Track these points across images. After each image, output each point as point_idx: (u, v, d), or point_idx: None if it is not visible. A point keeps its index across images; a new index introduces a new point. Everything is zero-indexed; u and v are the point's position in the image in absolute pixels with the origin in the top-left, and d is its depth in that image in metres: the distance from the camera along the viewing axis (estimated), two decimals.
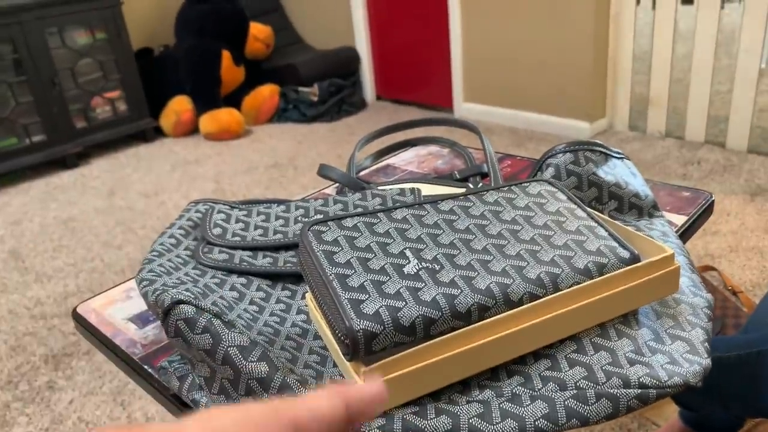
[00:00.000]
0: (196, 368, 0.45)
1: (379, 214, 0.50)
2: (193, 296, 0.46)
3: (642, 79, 2.82)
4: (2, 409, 1.56)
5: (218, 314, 0.44)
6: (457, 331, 0.41)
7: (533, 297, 0.43)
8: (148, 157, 3.29)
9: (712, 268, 1.75)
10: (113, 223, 2.55)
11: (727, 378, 0.86)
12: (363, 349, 0.39)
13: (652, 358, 0.43)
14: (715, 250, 1.90)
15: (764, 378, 0.81)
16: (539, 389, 0.41)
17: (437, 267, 0.44)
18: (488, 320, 0.42)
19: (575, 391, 0.41)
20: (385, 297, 0.41)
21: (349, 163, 0.81)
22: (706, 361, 0.43)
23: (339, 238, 0.46)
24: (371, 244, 0.46)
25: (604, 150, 0.66)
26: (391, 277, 0.43)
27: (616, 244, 0.48)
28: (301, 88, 3.61)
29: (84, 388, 1.61)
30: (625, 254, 0.47)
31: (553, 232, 0.49)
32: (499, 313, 0.42)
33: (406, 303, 0.41)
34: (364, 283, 0.42)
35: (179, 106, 3.46)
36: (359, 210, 0.67)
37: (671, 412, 1.33)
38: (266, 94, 3.56)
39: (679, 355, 0.44)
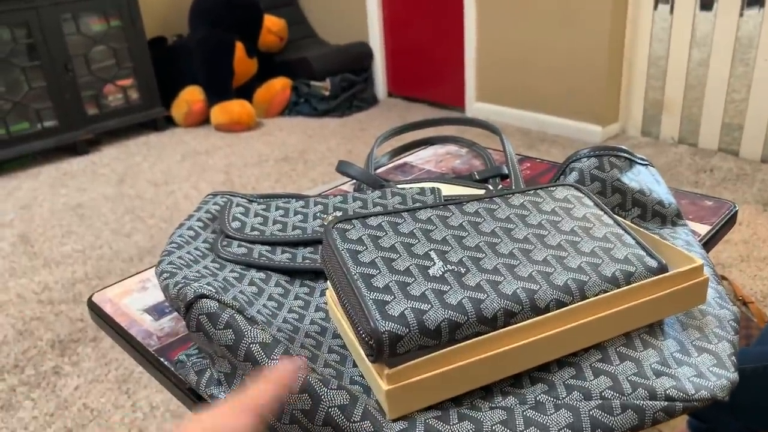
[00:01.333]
0: (216, 363, 0.44)
1: (403, 214, 0.49)
2: (214, 290, 0.45)
3: (657, 85, 2.80)
4: (8, 393, 1.57)
5: (240, 309, 0.44)
6: (482, 336, 0.41)
7: (560, 304, 0.43)
8: (159, 146, 3.29)
9: (723, 278, 1.74)
10: (122, 210, 2.56)
11: (741, 390, 0.85)
12: (387, 351, 0.39)
13: (679, 370, 0.42)
14: (726, 260, 1.89)
15: None
16: (563, 398, 0.41)
17: (463, 270, 0.44)
18: (514, 326, 0.41)
19: (600, 401, 0.40)
20: (411, 299, 0.41)
21: (367, 160, 0.81)
22: (734, 375, 0.42)
23: (363, 237, 0.46)
24: (396, 245, 0.46)
25: (629, 156, 0.65)
26: (416, 279, 0.43)
27: (643, 253, 0.47)
28: (313, 83, 3.60)
29: (89, 375, 1.61)
30: (653, 263, 0.46)
31: (580, 239, 0.48)
32: (526, 320, 0.42)
33: (432, 306, 0.41)
34: (389, 284, 0.42)
35: (191, 96, 3.46)
36: (379, 208, 0.67)
37: (678, 420, 1.32)
38: (278, 87, 3.55)
39: (706, 368, 0.43)
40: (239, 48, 3.45)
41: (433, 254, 0.45)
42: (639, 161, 0.66)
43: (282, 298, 0.54)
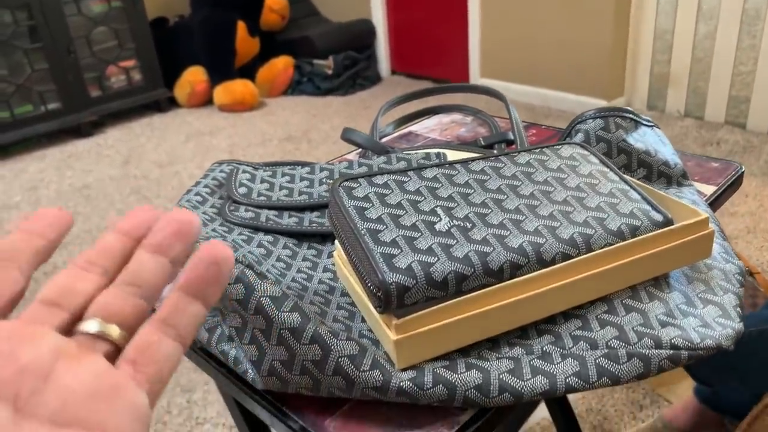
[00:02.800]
0: (227, 318, 0.45)
1: (409, 173, 0.49)
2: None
3: (662, 58, 2.77)
4: None
5: (250, 265, 0.44)
6: (488, 288, 0.41)
7: (566, 257, 0.43)
8: (163, 127, 3.29)
9: None
10: (128, 191, 2.56)
11: (747, 353, 0.85)
12: (395, 301, 0.39)
13: (684, 320, 0.43)
14: (733, 231, 1.89)
15: None
16: (570, 348, 0.41)
17: (469, 225, 0.44)
18: (520, 278, 0.42)
19: (606, 350, 0.41)
20: (418, 252, 0.41)
21: (372, 128, 0.81)
22: (739, 325, 0.43)
23: (370, 195, 0.46)
24: (402, 201, 0.46)
25: (634, 117, 0.65)
26: (422, 234, 0.43)
27: (649, 207, 0.47)
28: (316, 61, 3.59)
29: None
30: (659, 217, 0.47)
31: (585, 194, 0.48)
32: (532, 272, 0.42)
33: (439, 258, 0.41)
34: (396, 239, 0.42)
35: (194, 76, 3.45)
36: None
37: (684, 389, 1.33)
38: (281, 66, 3.54)
39: (712, 318, 0.43)
40: (241, 27, 3.43)
41: (439, 210, 0.45)
42: (644, 122, 0.66)
43: (290, 260, 0.54)
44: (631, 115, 0.65)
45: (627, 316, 0.43)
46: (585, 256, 0.43)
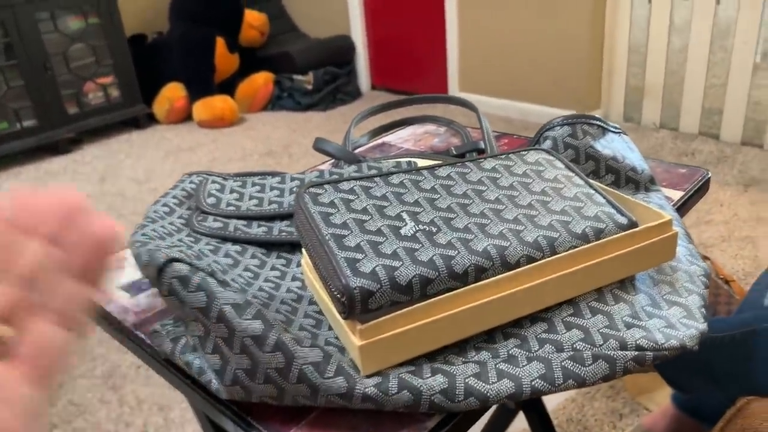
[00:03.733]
0: (189, 327, 0.44)
1: (375, 179, 0.49)
2: (187, 257, 0.45)
3: (637, 71, 2.82)
4: None
5: (212, 273, 0.44)
6: (453, 292, 0.41)
7: (530, 260, 0.43)
8: (141, 144, 3.27)
9: (705, 258, 1.76)
10: (105, 208, 2.53)
11: (721, 358, 0.86)
12: (359, 306, 0.39)
13: (649, 322, 0.43)
14: (708, 240, 1.91)
15: (759, 357, 0.81)
16: (535, 351, 0.41)
17: (434, 229, 0.44)
18: (485, 281, 0.41)
19: (572, 353, 0.41)
20: (382, 257, 0.41)
21: (345, 138, 0.81)
22: (703, 326, 0.43)
23: (335, 200, 0.46)
24: (368, 207, 0.46)
25: (601, 124, 0.66)
26: (387, 238, 0.43)
27: (613, 211, 0.48)
28: (295, 76, 3.59)
29: (75, 371, 1.60)
30: (623, 220, 0.47)
31: (550, 198, 0.49)
32: (497, 275, 0.42)
33: (403, 263, 0.41)
34: (361, 243, 0.42)
35: (173, 93, 3.43)
36: None
37: (663, 397, 1.33)
38: (260, 81, 3.54)
39: (676, 319, 0.43)
40: (220, 43, 3.43)
41: (404, 215, 0.45)
42: (612, 129, 0.67)
43: (258, 269, 0.54)
44: (598, 122, 0.66)
45: (593, 318, 0.43)
46: (550, 258, 0.43)
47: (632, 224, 0.47)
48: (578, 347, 0.41)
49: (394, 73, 3.76)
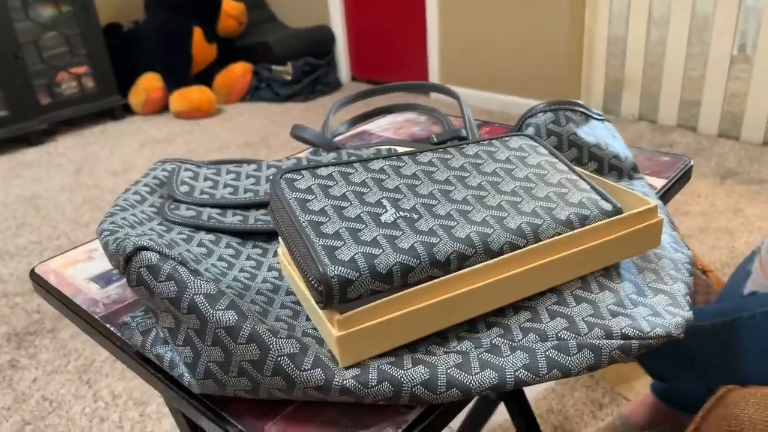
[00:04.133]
0: (160, 319, 0.42)
1: (355, 164, 0.48)
2: (157, 245, 0.43)
3: (616, 64, 2.83)
4: None
5: (184, 261, 0.42)
6: (435, 280, 0.39)
7: (514, 247, 0.42)
8: (117, 135, 3.21)
9: None
10: (80, 200, 2.48)
11: (701, 347, 0.86)
12: (338, 295, 0.37)
13: (635, 310, 0.42)
14: (686, 231, 1.93)
15: (738, 346, 0.81)
16: (519, 340, 0.40)
17: (415, 216, 0.42)
18: (467, 269, 0.40)
19: (556, 342, 0.40)
20: (361, 244, 0.39)
21: (323, 126, 0.79)
22: (688, 314, 0.42)
23: (313, 186, 0.44)
24: (347, 193, 0.44)
25: (584, 110, 0.65)
26: (367, 225, 0.41)
27: (597, 197, 0.47)
28: (274, 67, 3.55)
29: (48, 366, 1.56)
30: (608, 206, 0.46)
31: (534, 185, 0.47)
32: (479, 263, 0.41)
33: (383, 250, 0.39)
34: (339, 230, 0.40)
35: (149, 83, 3.37)
36: None
37: (642, 386, 1.34)
38: (238, 72, 3.49)
39: (662, 307, 0.43)
40: (197, 33, 3.37)
41: (385, 202, 0.44)
42: (595, 116, 0.66)
43: (233, 259, 0.52)
44: (581, 109, 0.65)
45: (577, 306, 0.42)
46: (533, 245, 0.42)
47: (617, 210, 0.46)
48: (563, 336, 0.40)
49: (374, 65, 3.74)
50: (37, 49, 3.11)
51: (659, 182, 0.67)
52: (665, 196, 0.65)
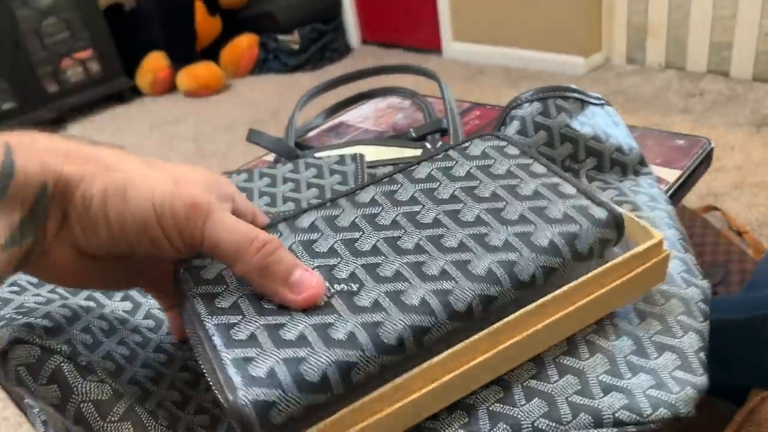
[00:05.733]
0: (53, 423, 0.35)
1: (278, 225, 0.38)
2: (44, 329, 0.35)
3: (639, 8, 2.64)
4: None
5: (72, 355, 0.34)
6: (386, 386, 0.30)
7: (485, 299, 0.32)
8: (126, 118, 3.16)
9: (715, 208, 1.64)
10: None
11: (728, 342, 0.77)
12: (257, 426, 0.28)
13: (633, 380, 0.33)
14: (719, 188, 1.79)
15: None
16: None
17: (355, 287, 0.33)
18: (425, 365, 0.31)
19: None
20: (283, 346, 0.30)
21: (287, 127, 0.70)
22: (701, 380, 0.33)
23: (224, 272, 0.35)
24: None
25: (579, 96, 0.54)
26: (291, 317, 0.32)
27: (588, 202, 0.36)
28: (280, 37, 3.43)
29: None
30: (601, 214, 0.36)
31: (504, 202, 0.37)
32: (442, 333, 0.31)
33: (312, 349, 0.30)
34: (255, 332, 0.31)
35: (155, 63, 3.29)
36: (290, 185, 0.56)
37: None
38: (244, 45, 3.38)
39: (667, 373, 0.33)
40: (199, 7, 3.27)
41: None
42: (593, 101, 0.55)
43: (151, 333, 0.44)
44: (575, 94, 0.54)
45: (561, 380, 0.33)
46: (514, 316, 0.32)
47: (614, 218, 0.35)
48: (540, 426, 0.31)
49: (384, 27, 3.58)
50: (38, 36, 3.04)
51: (672, 174, 0.56)
52: (679, 191, 0.55)
